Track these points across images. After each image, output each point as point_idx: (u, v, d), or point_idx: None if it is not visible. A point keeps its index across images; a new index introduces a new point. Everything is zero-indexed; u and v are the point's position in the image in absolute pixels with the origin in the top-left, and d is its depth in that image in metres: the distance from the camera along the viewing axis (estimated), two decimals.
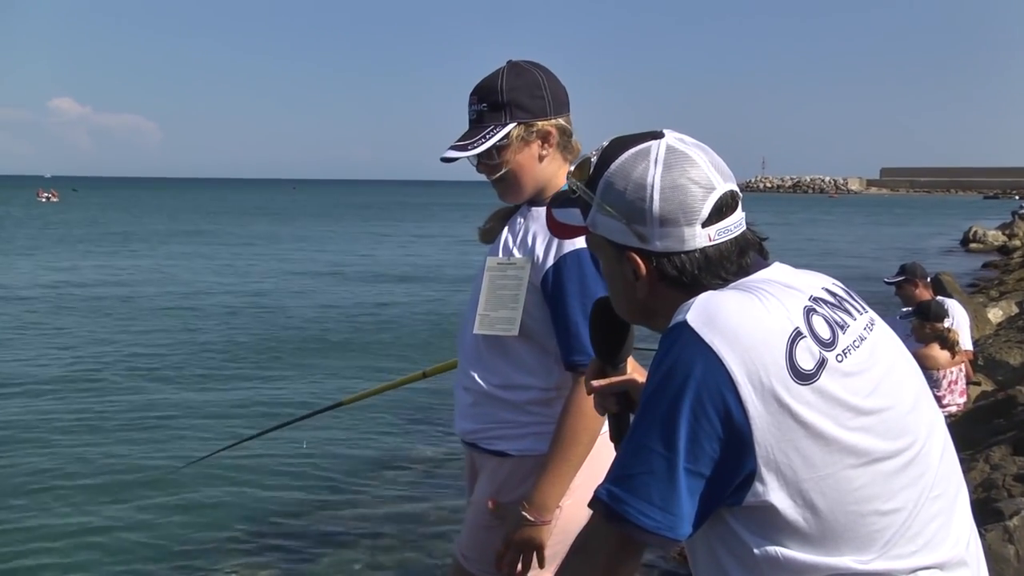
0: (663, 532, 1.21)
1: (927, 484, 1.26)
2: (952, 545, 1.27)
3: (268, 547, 5.05)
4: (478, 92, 2.23)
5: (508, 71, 2.25)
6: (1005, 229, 27.86)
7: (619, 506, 1.23)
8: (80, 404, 7.85)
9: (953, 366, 5.83)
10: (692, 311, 1.23)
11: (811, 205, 65.68)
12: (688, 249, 1.31)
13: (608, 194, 1.34)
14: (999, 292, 14.39)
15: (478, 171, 2.29)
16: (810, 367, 1.20)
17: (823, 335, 1.24)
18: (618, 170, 1.34)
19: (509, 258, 2.27)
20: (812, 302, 1.28)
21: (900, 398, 1.27)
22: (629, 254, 1.34)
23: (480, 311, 2.27)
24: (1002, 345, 8.42)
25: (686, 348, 1.21)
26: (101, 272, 19.01)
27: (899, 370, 1.31)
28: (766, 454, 1.18)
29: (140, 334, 11.43)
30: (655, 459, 1.21)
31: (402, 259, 23.41)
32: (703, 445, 1.19)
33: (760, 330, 1.21)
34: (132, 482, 5.92)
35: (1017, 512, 3.08)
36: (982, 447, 4.56)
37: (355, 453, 6.67)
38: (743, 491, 1.20)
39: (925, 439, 1.28)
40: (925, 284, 6.47)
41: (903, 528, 1.22)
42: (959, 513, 1.31)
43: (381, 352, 10.64)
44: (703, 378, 1.18)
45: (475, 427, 2.31)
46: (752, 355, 1.19)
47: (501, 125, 2.20)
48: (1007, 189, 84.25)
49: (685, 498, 1.20)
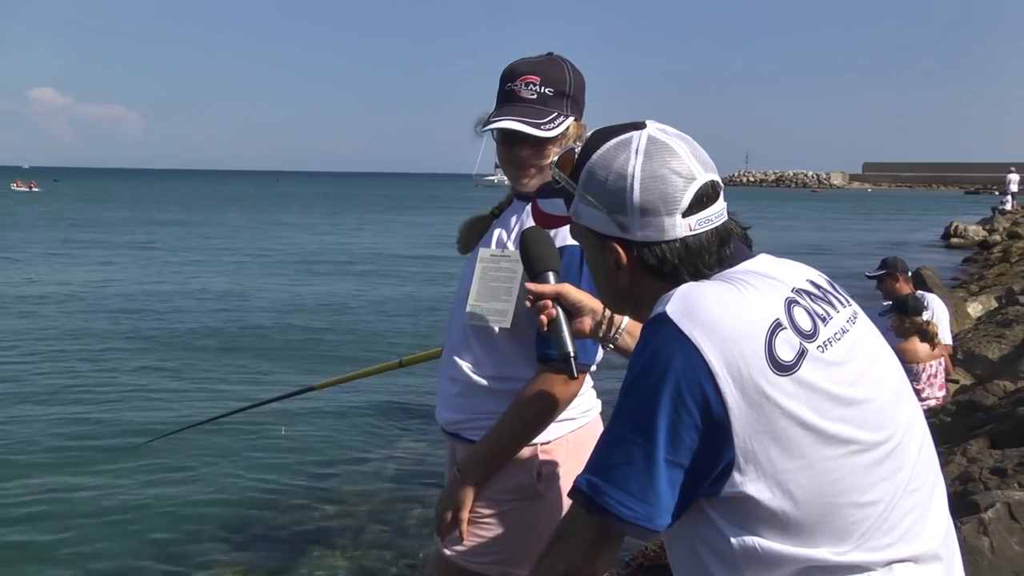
0: (642, 522, 1.22)
1: (904, 478, 1.27)
2: (927, 539, 1.28)
3: (246, 539, 5.06)
4: (542, 74, 2.19)
5: (570, 64, 2.24)
6: (985, 224, 28.02)
7: (599, 496, 1.24)
8: (50, 398, 7.79)
9: (932, 359, 5.86)
10: (672, 302, 1.24)
11: (793, 199, 65.82)
12: (668, 239, 1.32)
13: (590, 184, 1.35)
14: (979, 287, 14.50)
15: (508, 155, 2.24)
16: (789, 358, 1.21)
17: (804, 326, 1.25)
18: (599, 160, 1.35)
19: (503, 250, 2.26)
20: (794, 293, 1.29)
21: (880, 391, 1.28)
22: (611, 244, 1.35)
23: (471, 301, 2.26)
24: (981, 339, 8.48)
25: (665, 339, 1.21)
26: (73, 263, 18.93)
27: (880, 364, 1.32)
28: (744, 444, 1.19)
29: (97, 331, 11.29)
30: (634, 450, 1.21)
31: (378, 249, 23.35)
32: (682, 436, 1.20)
33: (739, 321, 1.22)
34: (98, 458, 6.09)
35: (992, 505, 3.11)
36: (960, 441, 4.59)
37: (335, 444, 6.68)
38: (721, 481, 1.21)
39: (904, 433, 1.29)
40: (906, 278, 6.50)
41: (879, 521, 1.23)
42: (935, 508, 1.32)
43: (357, 343, 10.63)
44: (682, 369, 1.19)
45: (460, 417, 2.31)
46: (731, 346, 1.19)
47: (565, 115, 2.19)
48: (988, 185, 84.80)
49: (664, 489, 1.21)
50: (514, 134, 2.18)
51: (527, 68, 2.21)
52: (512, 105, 2.19)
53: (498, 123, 2.16)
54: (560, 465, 2.26)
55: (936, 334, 5.84)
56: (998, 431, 4.60)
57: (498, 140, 2.26)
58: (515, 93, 2.19)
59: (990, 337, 8.47)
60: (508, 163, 2.27)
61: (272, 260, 20.21)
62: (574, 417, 2.29)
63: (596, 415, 2.40)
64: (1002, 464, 3.82)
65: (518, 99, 2.19)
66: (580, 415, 2.31)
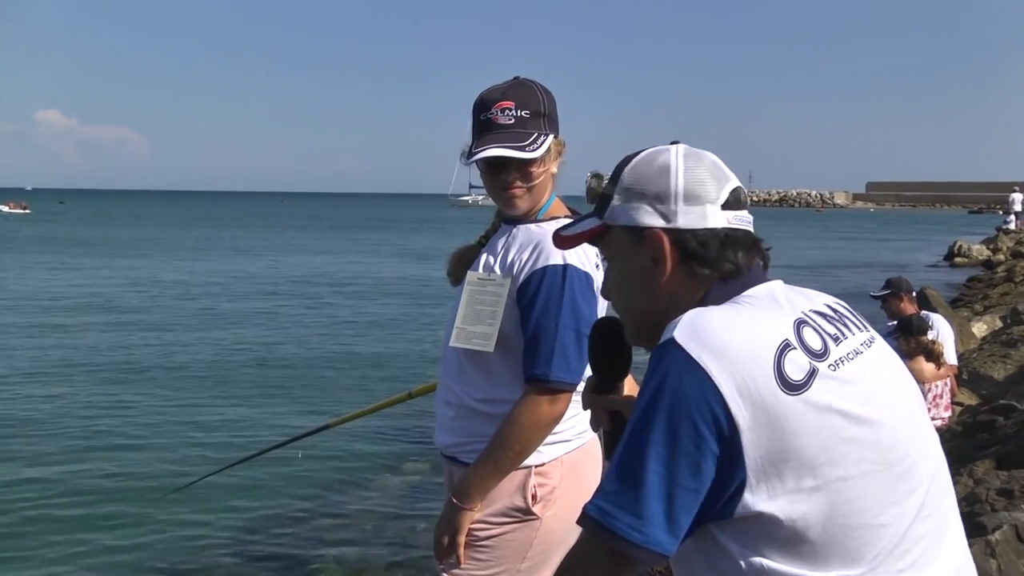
0: (653, 547, 1.20)
1: (917, 502, 1.26)
2: (940, 569, 1.27)
3: (256, 565, 5.03)
4: (514, 98, 2.23)
5: (538, 85, 2.29)
6: (989, 243, 28.00)
7: (609, 521, 1.22)
8: (58, 431, 7.59)
9: (938, 380, 5.85)
10: (679, 328, 1.24)
11: (797, 219, 65.93)
12: (710, 226, 1.35)
13: (632, 180, 1.39)
14: (983, 306, 14.47)
15: (496, 182, 2.26)
16: (799, 377, 1.20)
17: (813, 346, 1.25)
18: (642, 160, 1.41)
19: (489, 274, 2.28)
20: (804, 315, 1.30)
21: (894, 413, 1.27)
22: (652, 232, 1.36)
23: (457, 324, 2.29)
24: (986, 359, 8.46)
25: (674, 365, 1.22)
26: (52, 285, 18.81)
27: (894, 387, 1.32)
28: (756, 466, 1.18)
29: (112, 353, 11.20)
30: (646, 474, 1.21)
31: (391, 273, 23.35)
32: (693, 460, 1.19)
33: (747, 343, 1.22)
34: (116, 510, 5.80)
35: (999, 527, 3.09)
36: (966, 461, 4.58)
37: (341, 471, 6.66)
38: (733, 503, 1.21)
39: (918, 457, 1.28)
40: (910, 298, 6.50)
41: (891, 545, 1.22)
42: (950, 537, 1.31)
43: (365, 374, 10.41)
44: (692, 394, 1.19)
45: (455, 440, 2.33)
46: (740, 368, 1.19)
47: (544, 134, 2.22)
48: (992, 204, 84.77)
49: (677, 513, 1.20)
50: (498, 161, 2.21)
51: (498, 95, 2.24)
52: (492, 133, 2.21)
53: (483, 152, 2.19)
54: (555, 487, 2.27)
55: (941, 354, 5.83)
56: (1004, 452, 4.58)
57: (483, 169, 2.29)
58: (493, 121, 2.22)
59: (995, 357, 8.45)
60: (497, 190, 2.28)
61: (262, 286, 19.91)
62: (569, 439, 2.30)
63: (592, 436, 2.40)
64: (1009, 485, 3.80)
65: (497, 127, 2.22)
66: (575, 436, 2.31)
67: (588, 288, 2.21)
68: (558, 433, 2.24)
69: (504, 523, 2.26)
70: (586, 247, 2.20)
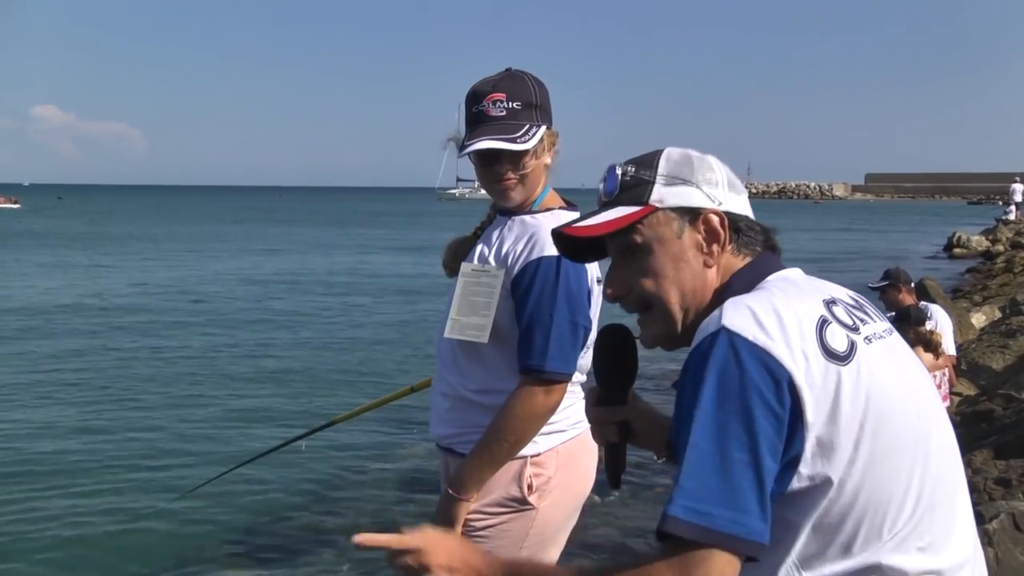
0: (756, 537, 1.15)
1: (935, 482, 1.28)
2: (954, 549, 1.29)
3: (251, 547, 5.09)
4: (506, 90, 2.24)
5: (530, 76, 2.29)
6: (988, 234, 27.98)
7: (706, 520, 1.15)
8: (62, 435, 7.49)
9: (936, 370, 5.86)
10: (725, 316, 1.25)
11: (796, 211, 65.87)
12: (744, 214, 1.44)
13: (675, 166, 1.43)
14: (982, 297, 14.50)
15: (489, 175, 2.27)
16: (843, 349, 1.24)
17: (846, 321, 1.29)
18: (671, 153, 1.45)
19: (484, 265, 2.29)
20: (831, 296, 1.34)
21: (917, 396, 1.31)
22: (706, 214, 1.40)
23: (452, 315, 2.30)
24: (985, 350, 8.48)
25: (732, 350, 1.21)
26: (64, 285, 18.78)
27: (912, 373, 1.35)
28: (811, 441, 1.20)
29: (114, 353, 11.12)
30: (730, 465, 1.17)
31: (389, 269, 23.35)
32: (771, 441, 1.19)
33: (793, 320, 1.24)
34: (126, 510, 5.75)
35: (996, 515, 3.11)
36: (964, 451, 4.60)
37: (342, 466, 6.66)
38: (787, 479, 1.21)
39: (937, 439, 1.31)
40: (909, 289, 6.51)
41: (914, 522, 1.25)
42: (963, 517, 1.34)
43: (366, 369, 10.39)
44: (758, 375, 1.19)
45: (451, 432, 2.34)
46: (794, 345, 1.21)
47: (536, 125, 2.23)
48: (991, 194, 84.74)
49: (767, 498, 1.18)
50: (490, 153, 2.21)
51: (489, 87, 2.25)
52: (484, 125, 2.22)
53: (475, 145, 2.20)
54: (551, 477, 2.28)
55: (940, 344, 5.85)
56: (1002, 442, 4.60)
57: (476, 162, 2.29)
58: (485, 113, 2.23)
59: (994, 348, 8.47)
60: (490, 182, 2.29)
61: (256, 280, 19.87)
62: (564, 429, 2.31)
63: (588, 427, 2.41)
64: (1006, 475, 3.82)
65: (488, 119, 2.23)
66: (571, 427, 2.32)
67: (582, 278, 2.22)
68: (553, 423, 2.25)
69: (500, 513, 2.27)
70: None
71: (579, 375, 2.34)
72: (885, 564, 1.23)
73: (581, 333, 2.21)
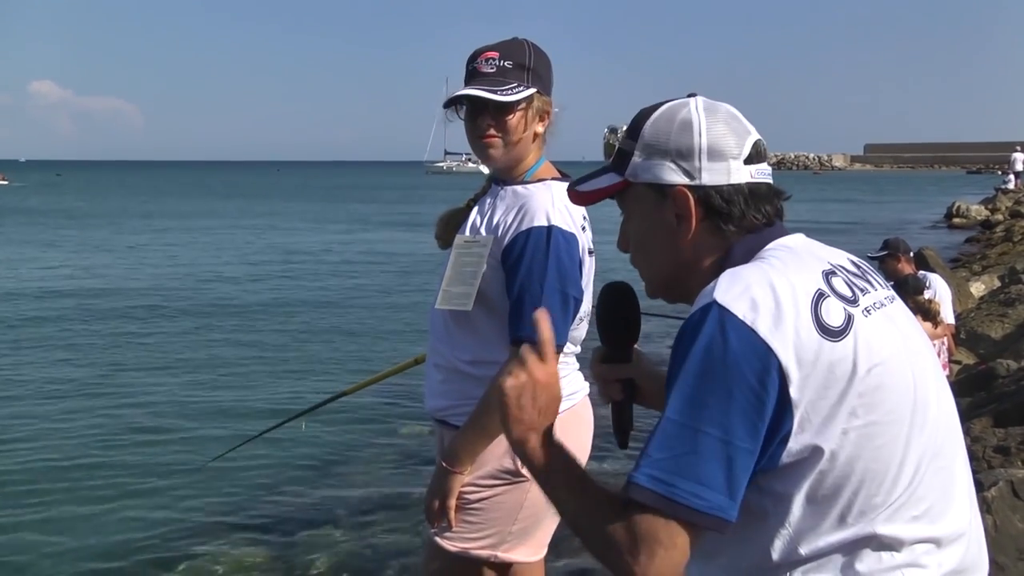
0: (717, 512, 1.16)
1: (933, 451, 1.28)
2: (952, 519, 1.29)
3: (257, 532, 5.09)
4: (500, 49, 2.25)
5: (529, 42, 2.29)
6: (988, 204, 27.96)
7: (667, 489, 1.16)
8: (70, 409, 7.56)
9: (935, 339, 5.86)
10: (718, 289, 1.24)
11: (795, 182, 65.36)
12: (734, 182, 1.35)
13: (654, 136, 1.38)
14: (981, 266, 14.50)
15: (473, 129, 2.27)
16: (839, 323, 1.22)
17: (845, 294, 1.27)
18: (662, 115, 1.39)
19: (475, 236, 2.29)
20: (831, 266, 1.32)
21: (916, 365, 1.29)
22: (677, 190, 1.36)
23: (443, 287, 2.31)
24: (984, 319, 8.49)
25: (720, 325, 1.21)
26: (66, 266, 18.77)
27: (915, 341, 1.33)
28: (802, 415, 1.19)
29: (113, 335, 11.02)
30: (701, 439, 1.18)
31: (383, 246, 23.32)
32: (749, 419, 1.18)
33: (786, 295, 1.22)
34: (126, 487, 5.77)
35: (995, 483, 3.11)
36: (963, 420, 4.60)
37: (341, 441, 6.67)
38: (779, 453, 1.21)
39: (935, 408, 1.30)
40: (908, 259, 6.50)
41: (909, 492, 1.24)
42: (961, 485, 1.33)
43: (372, 341, 10.40)
44: (743, 352, 1.19)
45: (445, 404, 2.33)
46: (784, 322, 1.20)
47: (524, 85, 2.22)
48: (990, 164, 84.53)
49: (737, 475, 1.18)
50: (475, 106, 2.23)
51: (487, 48, 2.27)
52: (473, 80, 2.24)
53: (457, 93, 2.22)
54: None
55: (938, 313, 5.84)
56: (1001, 410, 4.61)
57: (464, 118, 2.31)
58: (477, 70, 2.25)
59: (993, 316, 8.47)
60: (474, 138, 2.29)
61: (255, 259, 19.89)
62: None
63: (583, 397, 2.40)
64: (1005, 443, 3.83)
65: (479, 74, 2.24)
66: (564, 397, 2.31)
67: (573, 249, 2.20)
68: None
69: (494, 485, 2.27)
70: (571, 207, 2.19)
71: (572, 346, 2.33)
72: (881, 533, 1.22)
73: (572, 304, 2.20)
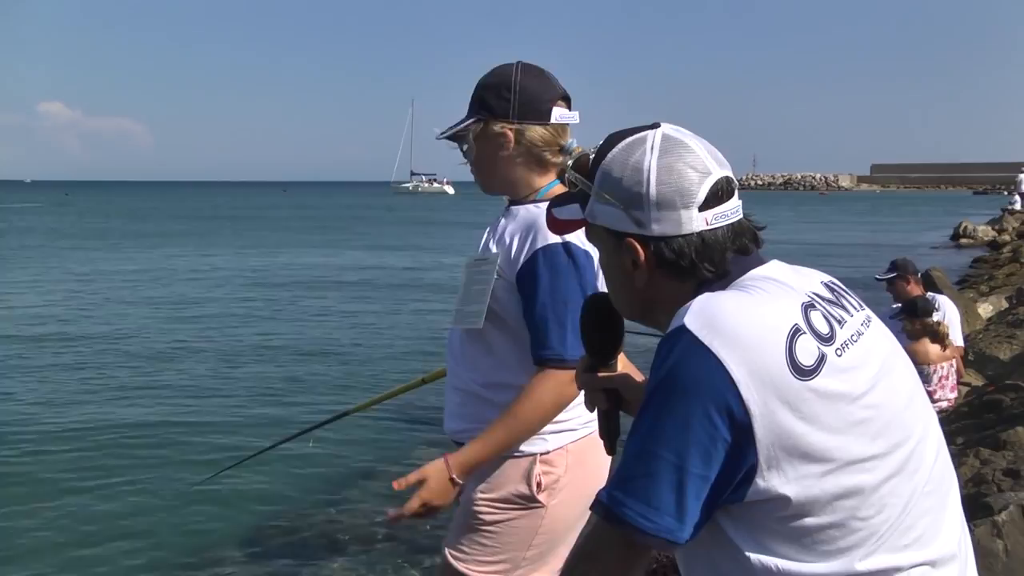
0: (664, 535, 1.21)
1: (921, 480, 1.27)
2: (943, 543, 1.28)
3: (261, 545, 5.10)
4: (480, 81, 2.33)
5: (491, 70, 2.33)
6: (995, 224, 27.90)
7: (618, 508, 1.23)
8: (75, 426, 7.61)
9: (944, 361, 5.85)
10: (690, 314, 1.24)
11: (801, 202, 65.71)
12: (685, 232, 1.31)
13: (605, 181, 1.35)
14: (989, 287, 14.44)
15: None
16: (810, 363, 1.20)
17: (821, 330, 1.25)
18: (615, 158, 1.35)
19: (484, 254, 2.33)
20: (810, 298, 1.29)
21: (896, 395, 1.28)
22: (628, 240, 1.33)
23: (456, 306, 2.34)
24: (992, 340, 8.45)
25: (686, 352, 1.21)
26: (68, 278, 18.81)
27: (895, 367, 1.32)
28: (768, 452, 1.19)
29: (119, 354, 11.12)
30: (657, 462, 1.21)
31: (399, 266, 23.35)
32: (704, 447, 1.19)
33: (759, 328, 1.21)
34: (131, 504, 5.79)
35: (1006, 507, 3.10)
36: (972, 442, 4.58)
37: (350, 460, 6.68)
38: (744, 488, 1.21)
39: (920, 437, 1.29)
40: (916, 280, 6.50)
41: (896, 522, 1.23)
42: (950, 511, 1.32)
43: (376, 362, 10.40)
44: (705, 381, 1.19)
45: (463, 426, 2.33)
46: (753, 355, 1.19)
47: (472, 119, 2.30)
48: (996, 184, 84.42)
49: (691, 502, 1.20)
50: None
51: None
52: None
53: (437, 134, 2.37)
54: (561, 476, 2.26)
55: (947, 335, 5.83)
56: (1010, 432, 4.58)
57: None
58: None
59: (1001, 338, 8.44)
60: None
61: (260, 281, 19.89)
62: (575, 428, 2.28)
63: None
64: (1015, 466, 3.81)
65: None
66: (581, 426, 2.29)
67: (590, 264, 2.19)
68: (564, 422, 2.23)
69: (509, 509, 2.27)
70: None
71: None
72: (870, 569, 1.22)
73: None
